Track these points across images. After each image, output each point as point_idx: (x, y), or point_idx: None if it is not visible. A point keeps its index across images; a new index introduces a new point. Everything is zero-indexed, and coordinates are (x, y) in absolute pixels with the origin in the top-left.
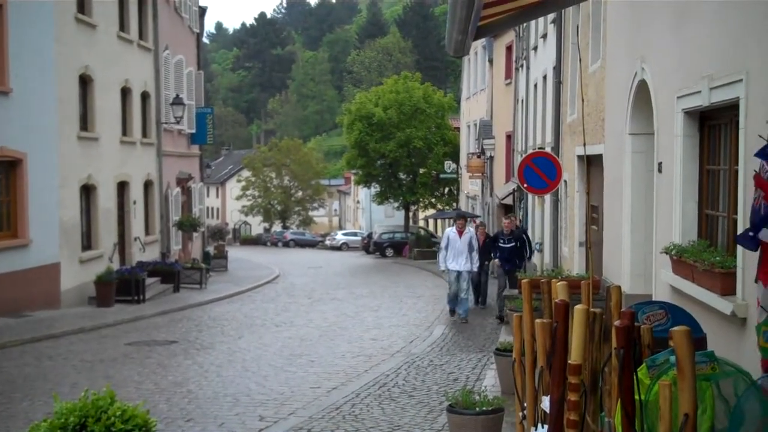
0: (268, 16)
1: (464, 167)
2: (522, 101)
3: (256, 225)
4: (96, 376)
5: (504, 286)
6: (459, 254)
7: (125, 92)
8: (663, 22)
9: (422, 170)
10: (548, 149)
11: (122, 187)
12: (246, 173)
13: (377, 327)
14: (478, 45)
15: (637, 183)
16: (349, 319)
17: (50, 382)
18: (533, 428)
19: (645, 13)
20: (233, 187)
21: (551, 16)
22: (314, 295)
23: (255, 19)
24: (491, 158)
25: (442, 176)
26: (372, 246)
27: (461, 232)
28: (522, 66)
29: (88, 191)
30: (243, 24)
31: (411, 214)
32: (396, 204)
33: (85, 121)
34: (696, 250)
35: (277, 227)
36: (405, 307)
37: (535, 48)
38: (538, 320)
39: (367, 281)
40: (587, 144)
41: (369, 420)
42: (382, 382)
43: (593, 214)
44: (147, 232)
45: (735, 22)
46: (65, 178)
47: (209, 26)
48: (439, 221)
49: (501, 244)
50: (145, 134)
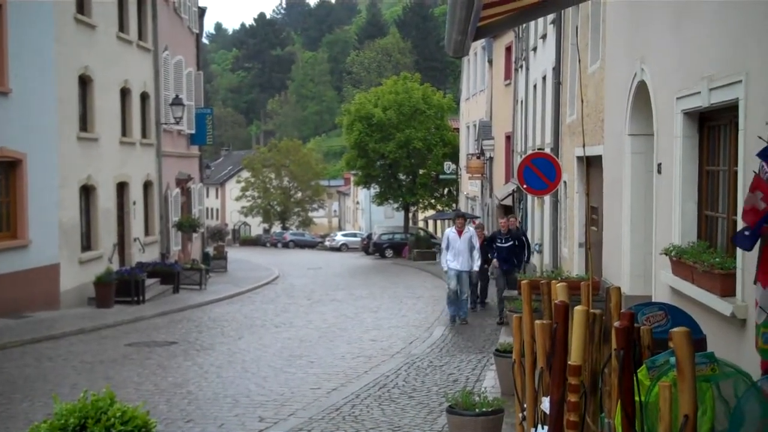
0: (268, 17)
1: (464, 168)
2: (521, 102)
3: (256, 226)
4: (96, 377)
5: (503, 288)
6: (459, 254)
7: (125, 93)
8: (662, 23)
9: (422, 171)
10: (548, 150)
11: (122, 188)
12: (245, 174)
13: (377, 328)
14: (478, 46)
15: (637, 184)
16: (349, 320)
17: (50, 383)
18: (533, 429)
19: (644, 14)
20: (233, 188)
21: (551, 17)
22: (314, 296)
23: (254, 20)
24: (491, 159)
25: (442, 177)
26: (371, 247)
27: (461, 232)
28: (521, 67)
29: (88, 192)
30: (242, 24)
31: (410, 215)
32: (395, 205)
33: (85, 122)
34: (696, 252)
35: (277, 228)
36: (404, 308)
37: (535, 49)
38: (538, 321)
39: (367, 282)
40: (587, 145)
41: (369, 421)
42: (382, 383)
43: (593, 215)
44: (146, 233)
45: (735, 23)
46: (65, 179)
47: (209, 27)
48: (439, 222)
49: (499, 244)
50: (145, 135)
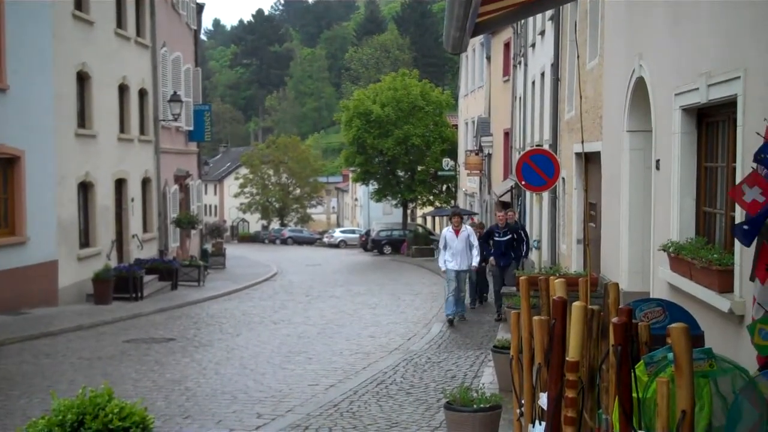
0: (266, 13)
1: (462, 164)
2: (520, 98)
3: (254, 222)
4: (94, 374)
5: (501, 284)
6: (457, 253)
7: (123, 89)
8: (661, 19)
9: (420, 167)
10: (546, 146)
11: (120, 185)
12: (244, 170)
13: (375, 324)
14: (476, 42)
15: (635, 180)
16: (347, 317)
17: (48, 380)
18: (531, 425)
19: (643, 10)
20: (231, 185)
21: (549, 13)
22: (312, 293)
23: (253, 16)
24: (489, 155)
25: (440, 173)
26: (370, 243)
27: (458, 231)
28: (520, 63)
29: (86, 188)
30: (241, 21)
31: (409, 212)
32: (394, 201)
33: (83, 118)
34: (694, 248)
35: (275, 225)
36: (403, 305)
37: (533, 45)
38: (536, 317)
39: (365, 279)
40: (585, 141)
41: (367, 417)
42: (380, 380)
43: (591, 212)
44: (145, 230)
45: (733, 19)
46: (63, 176)
47: (207, 23)
48: (437, 219)
49: (496, 238)
50: (143, 131)
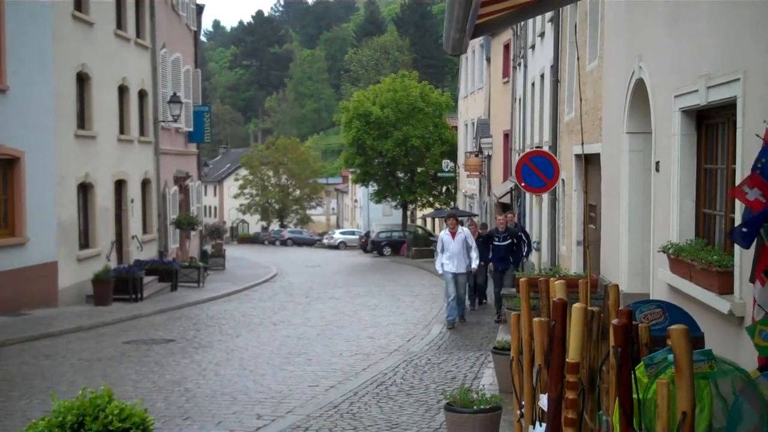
0: (266, 14)
1: (462, 166)
2: (519, 100)
3: (254, 224)
4: (94, 375)
5: (500, 287)
6: (454, 256)
7: (122, 90)
8: (660, 21)
9: (420, 169)
10: (546, 148)
11: (120, 186)
12: (243, 172)
13: (375, 326)
14: (476, 43)
15: (635, 182)
16: (347, 318)
17: (48, 381)
18: (531, 426)
19: (642, 12)
20: (231, 186)
21: (549, 15)
22: (312, 294)
23: (252, 17)
24: (489, 157)
25: (440, 175)
26: (370, 245)
27: (454, 233)
28: (519, 64)
29: (86, 189)
30: (240, 22)
31: (409, 213)
32: (394, 203)
33: (83, 119)
34: (693, 249)
35: (275, 226)
36: (403, 306)
37: (533, 46)
38: (536, 319)
39: (365, 280)
40: (585, 143)
41: (367, 418)
42: (380, 381)
43: (591, 213)
44: (145, 231)
45: (732, 21)
46: (63, 177)
47: (207, 24)
48: (437, 220)
49: (496, 242)
50: (143, 132)
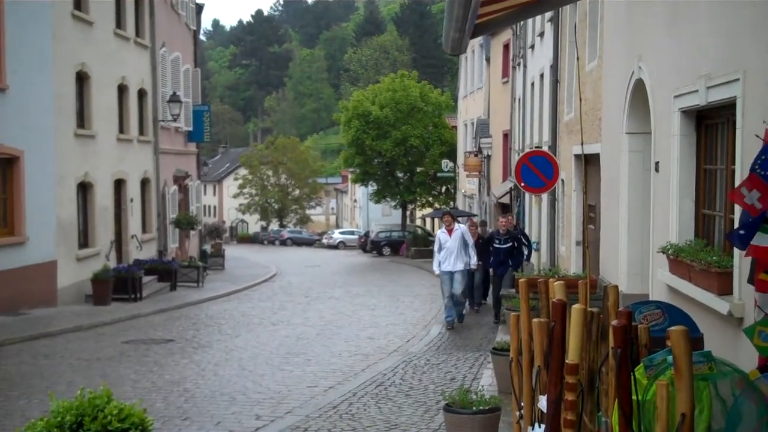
0: (265, 14)
1: (461, 166)
2: (519, 100)
3: (253, 223)
4: (93, 375)
5: (499, 289)
6: (450, 254)
7: (122, 89)
8: (660, 21)
9: (419, 169)
10: (545, 148)
11: (119, 185)
12: (243, 171)
13: (374, 326)
14: (476, 43)
15: (634, 182)
16: (346, 318)
17: (47, 381)
18: (530, 428)
19: (642, 12)
20: (230, 185)
21: (548, 15)
22: (311, 294)
23: (252, 17)
24: (488, 157)
25: (440, 175)
26: (369, 245)
27: (450, 231)
28: (519, 64)
29: (85, 189)
30: (240, 21)
31: (408, 213)
32: (393, 203)
33: (82, 119)
34: (693, 250)
35: (274, 225)
36: (402, 306)
37: (532, 46)
38: (536, 320)
39: (364, 280)
40: (584, 143)
41: (366, 419)
42: (379, 381)
43: (590, 214)
44: (144, 230)
45: (732, 21)
46: (62, 176)
47: (206, 23)
48: (436, 220)
49: (496, 245)
50: (142, 132)
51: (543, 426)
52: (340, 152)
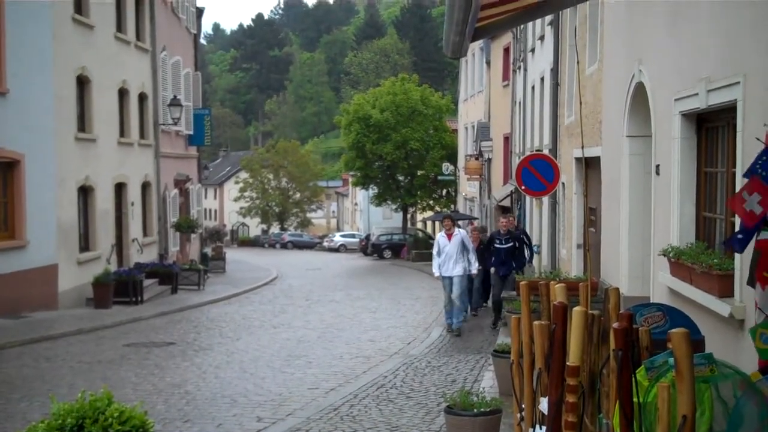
0: (266, 18)
1: (462, 169)
2: (519, 103)
3: (254, 227)
4: (93, 378)
5: (499, 294)
6: (449, 259)
7: (123, 93)
8: (660, 24)
9: (420, 172)
10: (546, 151)
11: (120, 189)
12: (244, 175)
13: (375, 328)
14: (476, 47)
15: (635, 185)
16: (347, 321)
17: (48, 383)
18: (531, 430)
19: (642, 15)
20: (231, 189)
21: (548, 18)
22: (312, 297)
23: (252, 21)
24: (489, 160)
25: (440, 178)
26: (370, 248)
27: (450, 235)
28: (519, 68)
29: (86, 192)
30: (240, 25)
31: (409, 216)
32: (394, 206)
33: (83, 122)
34: (694, 253)
35: (275, 229)
36: (403, 309)
37: (533, 50)
38: (537, 322)
39: (365, 283)
40: (585, 146)
41: (367, 421)
42: (380, 384)
43: (591, 217)
44: (145, 234)
45: (732, 24)
46: (63, 179)
47: (207, 27)
48: (437, 223)
49: (497, 245)
50: (143, 135)
51: (544, 428)
52: (341, 155)
